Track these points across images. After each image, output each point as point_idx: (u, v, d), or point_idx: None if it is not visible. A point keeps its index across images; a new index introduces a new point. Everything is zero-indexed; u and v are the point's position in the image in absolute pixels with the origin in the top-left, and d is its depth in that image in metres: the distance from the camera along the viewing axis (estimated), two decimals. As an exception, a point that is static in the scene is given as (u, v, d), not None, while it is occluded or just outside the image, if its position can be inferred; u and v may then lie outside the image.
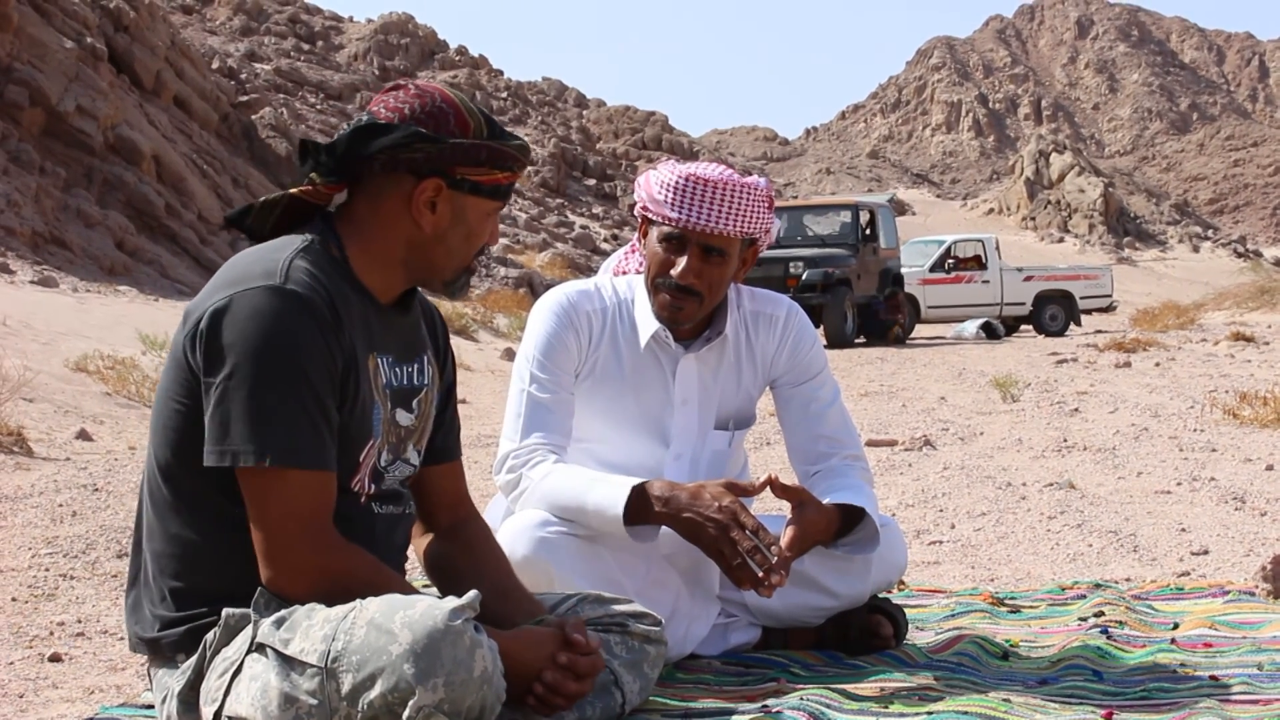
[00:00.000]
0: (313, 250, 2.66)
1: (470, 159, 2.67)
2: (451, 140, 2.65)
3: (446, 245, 2.73)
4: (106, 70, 25.79)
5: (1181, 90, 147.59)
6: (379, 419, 2.72)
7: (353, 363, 2.64)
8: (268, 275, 2.58)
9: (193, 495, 2.65)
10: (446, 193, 2.69)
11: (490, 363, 18.24)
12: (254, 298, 2.55)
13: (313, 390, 2.55)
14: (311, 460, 2.55)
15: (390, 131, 2.63)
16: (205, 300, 2.60)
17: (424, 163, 2.65)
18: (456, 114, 2.68)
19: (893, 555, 3.59)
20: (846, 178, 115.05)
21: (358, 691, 2.36)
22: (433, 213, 2.69)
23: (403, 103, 2.68)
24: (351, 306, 2.66)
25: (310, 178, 2.68)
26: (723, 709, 3.00)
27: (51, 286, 17.75)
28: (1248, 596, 4.12)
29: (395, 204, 2.69)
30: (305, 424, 2.55)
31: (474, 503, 3.07)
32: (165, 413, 2.66)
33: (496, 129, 2.73)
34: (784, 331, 3.67)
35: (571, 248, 44.59)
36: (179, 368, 2.62)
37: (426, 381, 2.86)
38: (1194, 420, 9.92)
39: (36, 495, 6.54)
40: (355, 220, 2.72)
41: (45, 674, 3.67)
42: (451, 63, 69.17)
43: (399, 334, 2.79)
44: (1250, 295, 34.71)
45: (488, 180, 2.71)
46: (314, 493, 2.57)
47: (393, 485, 2.80)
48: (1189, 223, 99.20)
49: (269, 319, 2.53)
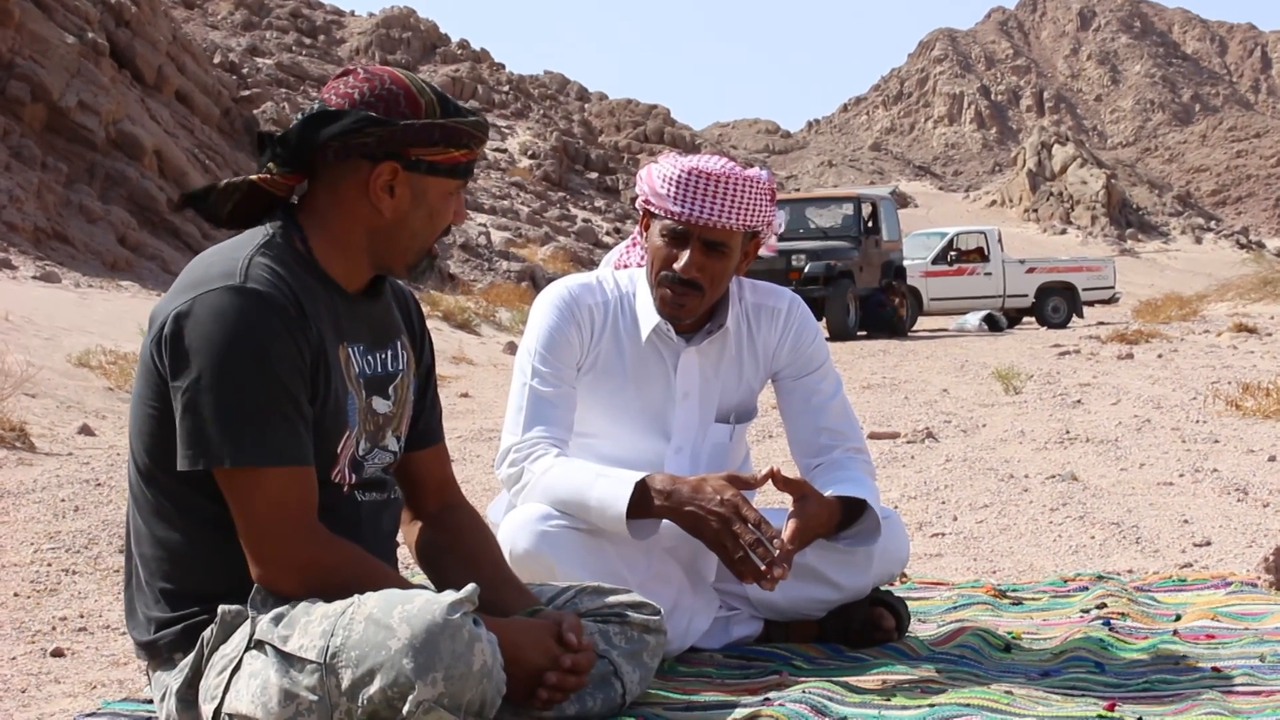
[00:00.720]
0: (274, 245, 2.63)
1: (424, 139, 2.64)
2: (402, 122, 2.62)
3: (409, 228, 2.70)
4: (108, 65, 25.76)
5: (1184, 81, 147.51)
6: (354, 409, 2.70)
7: (321, 356, 2.61)
8: (227, 276, 2.55)
9: (174, 498, 2.63)
10: (403, 175, 2.65)
11: (492, 356, 18.25)
12: (215, 299, 2.52)
13: (282, 387, 2.53)
14: (287, 456, 2.54)
15: (340, 118, 2.60)
16: (168, 304, 2.58)
17: (377, 147, 2.62)
18: (407, 95, 2.65)
19: (895, 548, 3.58)
20: (848, 170, 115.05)
21: (357, 687, 2.36)
22: (391, 196, 2.66)
23: (352, 88, 2.65)
24: (317, 299, 2.64)
25: (268, 168, 2.66)
26: (724, 702, 2.99)
27: (54, 282, 17.74)
28: (1250, 588, 4.12)
29: (353, 191, 2.66)
30: (278, 421, 2.53)
31: (464, 493, 3.07)
32: (140, 417, 2.65)
33: (450, 107, 2.69)
34: (786, 324, 3.66)
35: (573, 241, 44.56)
36: (148, 372, 2.60)
37: (401, 367, 2.84)
38: (1196, 412, 9.91)
39: (39, 490, 6.54)
40: (316, 210, 2.69)
41: (48, 669, 3.67)
42: (453, 57, 69.10)
43: (369, 322, 2.77)
44: (1253, 286, 34.62)
45: (444, 159, 2.68)
46: (295, 488, 2.55)
47: (374, 473, 2.79)
48: (1191, 214, 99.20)
49: (231, 320, 2.51)
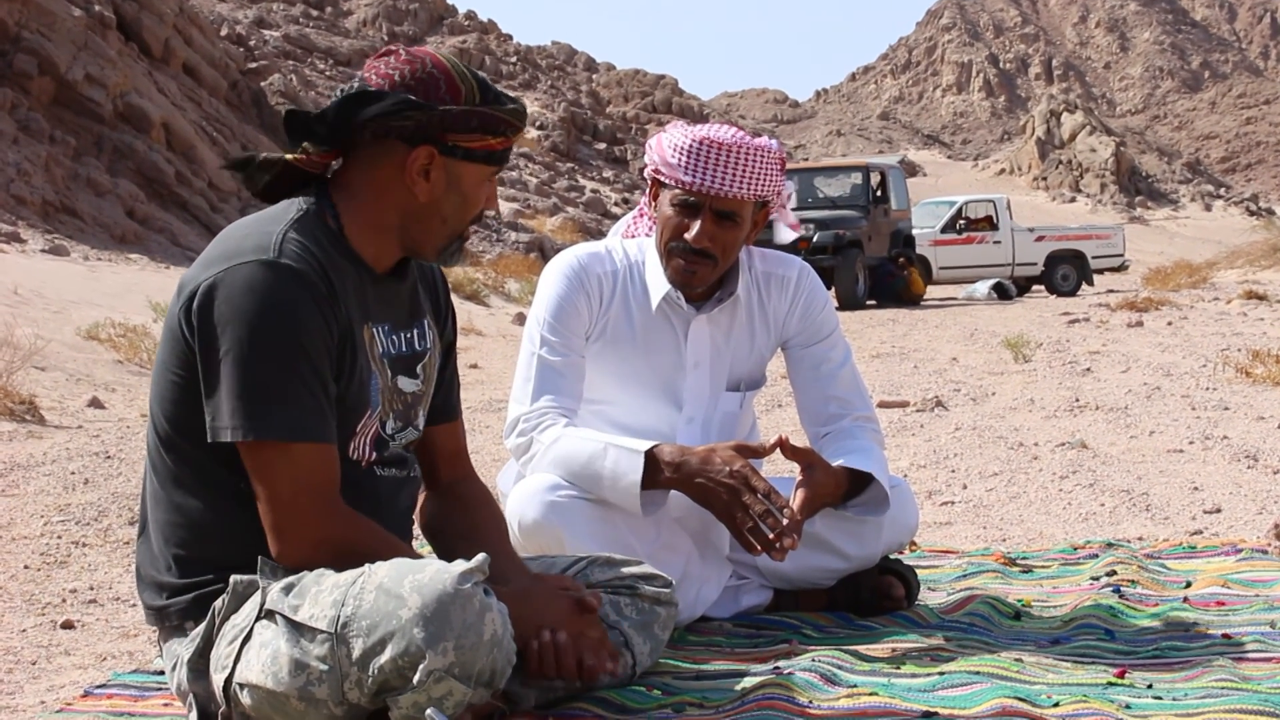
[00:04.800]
0: (307, 220, 2.63)
1: (462, 125, 2.63)
2: (442, 107, 2.60)
3: (441, 213, 2.69)
4: (115, 38, 25.74)
5: (1193, 48, 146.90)
6: (377, 389, 2.71)
7: (348, 334, 2.62)
8: (260, 250, 2.55)
9: (193, 466, 2.64)
10: (439, 160, 2.64)
11: (501, 328, 18.24)
12: (248, 272, 2.52)
13: (310, 363, 2.53)
14: (312, 433, 2.54)
15: (380, 99, 2.58)
16: (199, 274, 2.57)
17: (415, 130, 2.61)
18: (448, 79, 2.63)
19: (904, 516, 3.58)
20: (857, 139, 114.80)
21: (368, 656, 2.36)
22: (426, 181, 2.65)
23: (393, 69, 2.63)
24: (346, 278, 2.63)
25: (304, 147, 2.65)
26: (734, 671, 3.00)
27: (62, 255, 17.77)
28: (1260, 554, 4.11)
29: (388, 172, 2.65)
30: (305, 397, 2.53)
31: (473, 464, 3.07)
32: (163, 384, 2.64)
33: (490, 93, 2.67)
34: (795, 292, 3.65)
35: (582, 212, 44.53)
36: (175, 340, 2.60)
37: (428, 345, 2.84)
38: (1206, 379, 9.89)
39: (49, 463, 6.55)
40: (349, 188, 2.68)
41: (58, 641, 3.68)
42: (460, 27, 68.93)
43: (395, 302, 2.77)
44: (1262, 253, 34.49)
45: (480, 146, 2.67)
46: (318, 465, 2.56)
47: (397, 450, 2.79)
48: (1201, 181, 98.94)
49: (263, 293, 2.51)
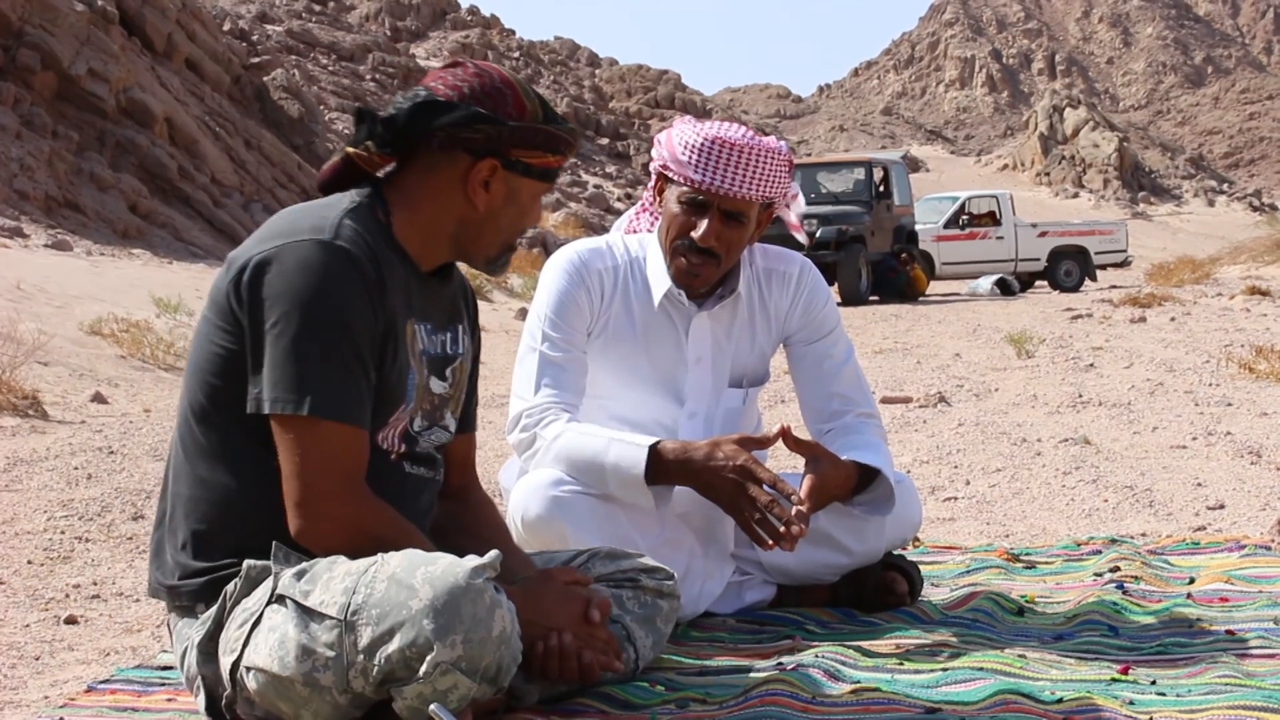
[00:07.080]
0: (361, 211, 2.68)
1: (526, 142, 2.70)
2: (511, 123, 2.67)
3: (497, 224, 2.76)
4: (118, 33, 25.69)
5: (1196, 43, 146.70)
6: (413, 384, 2.74)
7: (392, 326, 2.66)
8: (317, 230, 2.60)
9: (224, 439, 2.66)
10: (501, 173, 2.71)
11: (505, 322, 18.27)
12: (303, 250, 2.57)
13: (354, 347, 2.58)
14: (349, 415, 2.58)
15: (451, 110, 2.65)
16: (252, 248, 2.62)
17: (482, 143, 2.68)
18: (514, 95, 2.70)
19: (907, 512, 3.58)
20: (860, 135, 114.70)
21: (376, 645, 2.37)
22: (487, 192, 2.72)
23: (461, 81, 2.70)
24: (395, 271, 2.68)
25: (366, 145, 2.70)
26: (737, 667, 3.00)
27: (65, 250, 17.75)
28: (1264, 550, 4.11)
29: (448, 180, 2.71)
30: (346, 378, 2.57)
31: (476, 462, 3.10)
32: (204, 355, 2.67)
33: (550, 112, 2.75)
34: (797, 288, 3.65)
35: (585, 207, 44.50)
36: (220, 313, 2.63)
37: (461, 351, 2.88)
38: (1209, 375, 9.89)
39: (52, 458, 6.55)
40: (405, 190, 2.73)
41: (61, 636, 3.68)
42: (463, 23, 68.92)
43: (437, 302, 2.82)
44: (1266, 249, 34.46)
45: (540, 163, 2.74)
46: (349, 446, 2.59)
47: (426, 449, 2.83)
48: (1204, 177, 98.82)
49: (317, 272, 2.56)
